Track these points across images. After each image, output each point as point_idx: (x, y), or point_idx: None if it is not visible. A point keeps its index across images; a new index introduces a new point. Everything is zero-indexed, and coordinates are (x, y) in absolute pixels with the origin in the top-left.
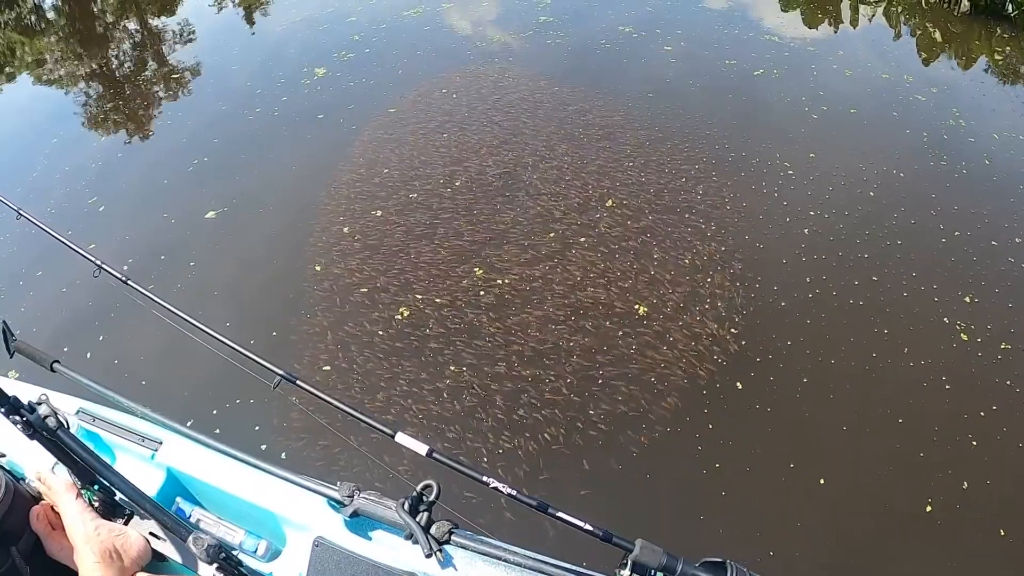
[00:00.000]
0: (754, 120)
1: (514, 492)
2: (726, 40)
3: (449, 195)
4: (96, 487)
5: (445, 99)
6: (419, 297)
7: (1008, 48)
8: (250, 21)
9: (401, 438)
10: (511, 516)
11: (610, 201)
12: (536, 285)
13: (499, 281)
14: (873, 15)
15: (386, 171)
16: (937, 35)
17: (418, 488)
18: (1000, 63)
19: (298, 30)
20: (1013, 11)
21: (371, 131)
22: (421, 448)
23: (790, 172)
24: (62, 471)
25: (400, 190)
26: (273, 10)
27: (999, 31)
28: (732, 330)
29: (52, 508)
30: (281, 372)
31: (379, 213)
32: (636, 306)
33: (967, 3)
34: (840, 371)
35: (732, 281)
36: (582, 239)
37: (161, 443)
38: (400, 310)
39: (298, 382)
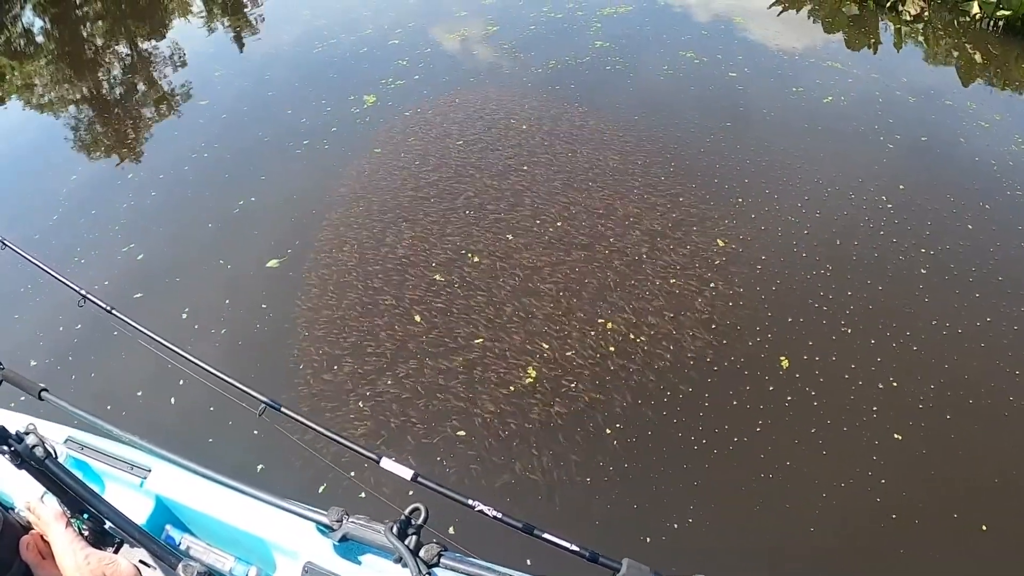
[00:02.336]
0: (837, 151)
1: (500, 515)
2: (787, 66)
3: (541, 237)
4: (85, 516)
5: (513, 131)
6: (547, 349)
7: None
8: (278, 44)
9: (386, 463)
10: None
11: (721, 241)
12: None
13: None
14: (904, 38)
15: (469, 213)
16: (978, 57)
17: (406, 512)
18: None
19: (335, 54)
20: None
21: (435, 168)
22: (406, 473)
23: (888, 206)
24: (51, 500)
25: (480, 225)
26: (303, 32)
27: None
28: (892, 381)
29: (42, 537)
30: (266, 399)
31: (476, 258)
32: (781, 359)
33: (1000, 23)
34: (983, 414)
35: (870, 322)
36: (710, 287)
37: (150, 471)
38: (529, 371)
39: (283, 409)
